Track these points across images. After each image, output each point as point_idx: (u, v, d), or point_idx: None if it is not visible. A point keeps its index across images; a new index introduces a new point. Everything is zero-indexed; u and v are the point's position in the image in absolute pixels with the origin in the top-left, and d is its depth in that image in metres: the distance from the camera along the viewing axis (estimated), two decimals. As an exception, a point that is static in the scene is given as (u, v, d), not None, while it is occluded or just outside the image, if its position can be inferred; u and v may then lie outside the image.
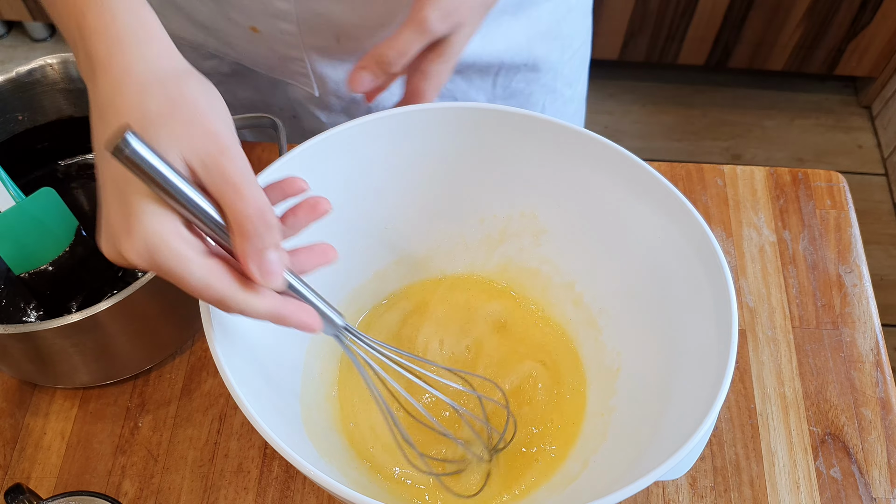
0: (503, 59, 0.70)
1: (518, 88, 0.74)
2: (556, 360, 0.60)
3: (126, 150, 0.34)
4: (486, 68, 0.71)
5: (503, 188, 0.59)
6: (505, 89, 0.74)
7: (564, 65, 0.76)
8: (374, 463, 0.55)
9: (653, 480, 0.41)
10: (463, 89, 0.72)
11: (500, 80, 0.73)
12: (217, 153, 0.38)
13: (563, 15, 0.72)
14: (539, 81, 0.75)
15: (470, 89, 0.72)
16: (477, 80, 0.72)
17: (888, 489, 0.57)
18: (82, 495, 0.49)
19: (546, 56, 0.73)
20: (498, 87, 0.73)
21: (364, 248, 0.59)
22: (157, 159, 0.35)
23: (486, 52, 0.69)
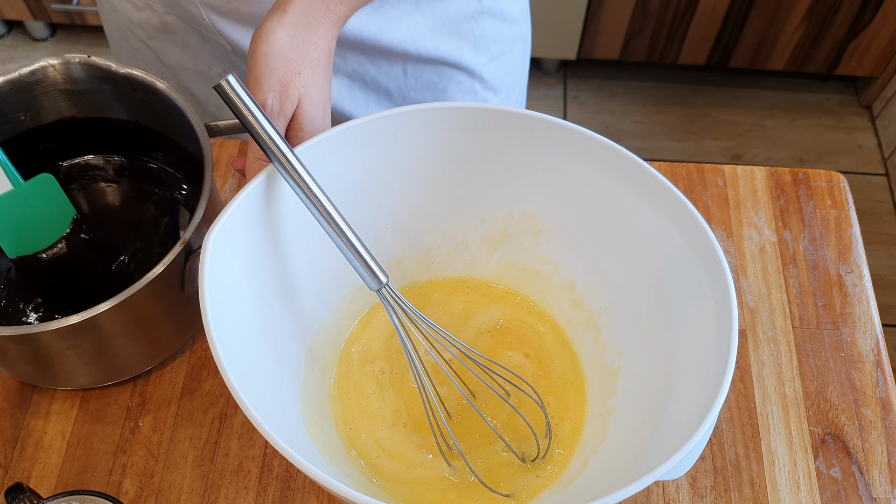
0: (406, 48, 0.70)
1: (431, 81, 0.74)
2: (555, 360, 0.60)
3: (225, 87, 0.46)
4: (388, 53, 0.70)
5: (503, 188, 0.59)
6: (417, 80, 0.73)
7: (483, 68, 0.75)
8: (374, 462, 0.55)
9: (653, 480, 0.41)
10: (372, 74, 0.72)
11: (409, 69, 0.72)
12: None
13: (471, 15, 0.71)
14: (453, 78, 0.74)
15: (379, 75, 0.72)
16: (385, 65, 0.71)
17: (888, 489, 0.57)
18: (83, 494, 0.49)
19: (457, 54, 0.72)
20: (409, 76, 0.73)
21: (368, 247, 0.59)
22: (246, 96, 0.47)
23: (385, 36, 0.69)
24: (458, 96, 0.76)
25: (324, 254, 0.53)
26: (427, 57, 0.71)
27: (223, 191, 0.70)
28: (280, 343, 0.54)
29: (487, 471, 0.55)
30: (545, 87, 1.87)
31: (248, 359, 0.48)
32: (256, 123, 0.47)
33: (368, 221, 0.58)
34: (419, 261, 0.63)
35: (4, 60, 1.86)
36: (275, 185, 0.51)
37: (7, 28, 1.91)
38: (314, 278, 0.57)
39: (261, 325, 0.52)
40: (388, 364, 0.60)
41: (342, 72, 0.71)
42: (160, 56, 0.76)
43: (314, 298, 0.58)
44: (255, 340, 0.51)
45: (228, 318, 0.47)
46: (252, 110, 0.46)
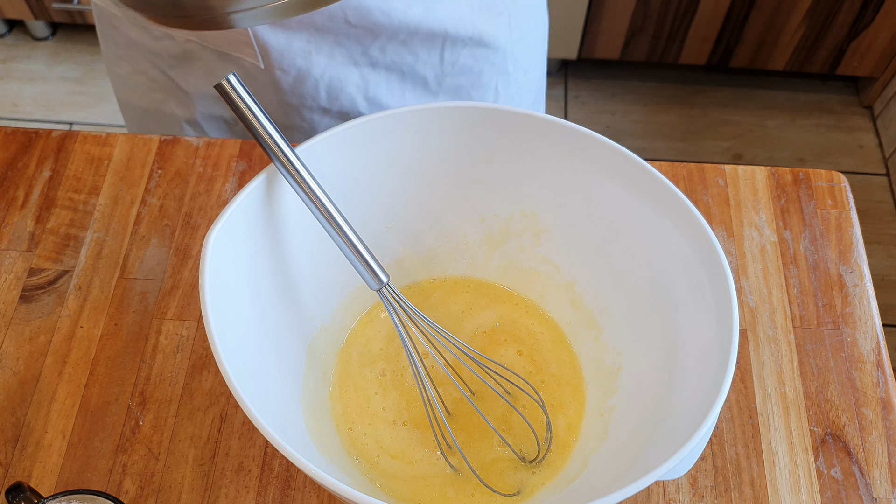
0: (447, 29, 0.70)
1: (466, 65, 0.74)
2: (549, 359, 0.60)
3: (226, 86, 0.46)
4: (430, 37, 0.70)
5: (504, 188, 0.59)
6: (453, 65, 0.73)
7: (514, 45, 0.76)
8: (374, 462, 0.55)
9: (653, 480, 0.41)
10: (409, 63, 0.72)
11: (446, 54, 0.72)
12: None
13: None
14: (488, 60, 0.74)
15: (416, 63, 0.72)
16: (423, 53, 0.71)
17: (889, 489, 0.57)
18: (83, 493, 0.49)
19: (492, 32, 0.73)
20: (445, 62, 0.73)
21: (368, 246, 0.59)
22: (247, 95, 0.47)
23: (428, 18, 0.68)
24: (493, 77, 0.76)
25: (324, 253, 0.53)
26: (465, 37, 0.71)
27: (223, 191, 0.70)
28: (281, 342, 0.54)
29: (487, 470, 0.55)
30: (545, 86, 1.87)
31: (249, 358, 0.48)
32: (257, 123, 0.47)
33: (369, 221, 0.58)
34: (419, 260, 0.63)
35: (5, 60, 1.86)
36: (275, 185, 0.51)
37: (8, 27, 1.91)
38: (315, 278, 0.57)
39: (261, 324, 0.52)
40: (389, 364, 0.60)
41: (381, 64, 0.71)
42: (181, 84, 0.76)
43: (315, 298, 0.58)
44: (256, 340, 0.51)
45: (229, 317, 0.47)
46: (253, 109, 0.46)
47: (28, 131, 0.73)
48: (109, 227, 0.68)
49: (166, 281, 0.65)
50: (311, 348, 0.58)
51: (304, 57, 0.69)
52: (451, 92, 0.75)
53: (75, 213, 0.68)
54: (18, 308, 0.63)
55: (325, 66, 0.70)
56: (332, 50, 0.69)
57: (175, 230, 0.68)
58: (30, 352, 0.61)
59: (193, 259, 0.66)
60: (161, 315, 0.63)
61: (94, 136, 0.73)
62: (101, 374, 0.61)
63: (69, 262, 0.66)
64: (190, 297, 0.64)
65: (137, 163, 0.71)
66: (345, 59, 0.70)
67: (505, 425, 0.57)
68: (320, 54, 0.69)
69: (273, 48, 0.69)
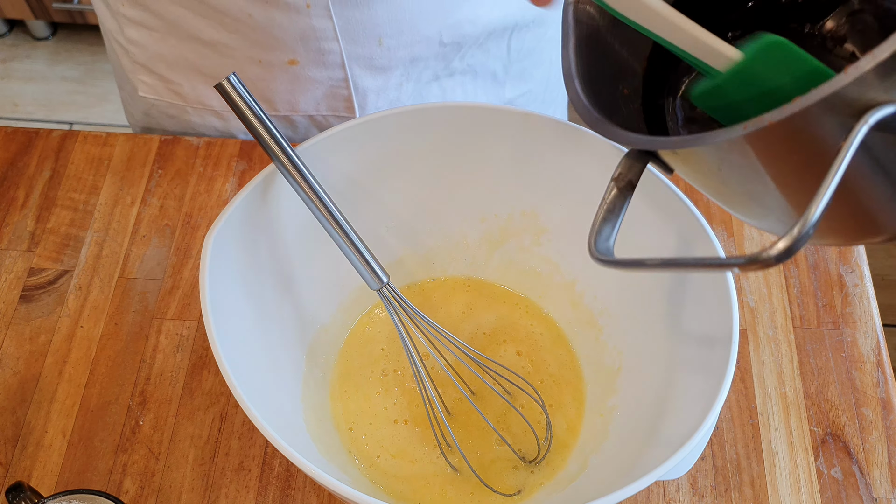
0: (517, 20, 0.71)
1: (529, 48, 0.74)
2: (548, 359, 0.60)
3: (227, 86, 0.46)
4: (501, 32, 0.71)
5: (504, 188, 0.59)
6: (518, 51, 0.74)
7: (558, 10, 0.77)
8: (375, 461, 0.55)
9: (653, 480, 0.41)
10: (481, 60, 0.72)
11: (513, 42, 0.73)
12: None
13: None
14: (545, 36, 0.75)
15: (487, 59, 0.73)
16: (493, 47, 0.72)
17: (889, 489, 0.57)
18: (83, 493, 0.49)
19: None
20: (512, 51, 0.73)
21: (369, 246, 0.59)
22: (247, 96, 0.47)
23: (501, 16, 0.69)
24: (547, 51, 0.77)
25: (324, 253, 0.53)
26: (529, 21, 0.72)
27: (223, 191, 0.70)
28: (281, 342, 0.54)
29: (487, 469, 0.55)
30: (546, 86, 1.87)
31: (249, 358, 0.48)
32: (258, 122, 0.47)
33: (369, 221, 0.58)
34: (420, 260, 0.63)
35: (5, 59, 1.86)
36: (275, 185, 0.51)
37: (8, 27, 1.91)
38: (315, 278, 0.57)
39: (262, 324, 0.52)
40: (389, 364, 0.60)
41: (458, 71, 0.72)
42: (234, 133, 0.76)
43: (315, 298, 0.58)
44: (256, 339, 0.51)
45: (229, 317, 0.47)
46: (254, 109, 0.47)
47: (28, 131, 0.73)
48: (110, 226, 0.68)
49: (166, 281, 0.65)
50: (311, 348, 0.58)
51: (396, 89, 0.70)
52: (516, 78, 0.76)
53: (75, 213, 0.68)
54: (19, 308, 0.63)
55: (413, 90, 0.71)
56: (421, 74, 0.70)
57: (175, 230, 0.68)
58: (30, 351, 0.61)
59: (193, 259, 0.66)
60: (161, 315, 0.63)
61: (94, 136, 0.73)
62: (101, 373, 0.61)
63: (69, 261, 0.66)
64: (190, 297, 0.64)
65: (138, 163, 0.71)
66: (429, 78, 0.71)
67: (505, 425, 0.57)
68: (409, 81, 0.70)
69: (371, 91, 0.69)
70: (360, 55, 0.66)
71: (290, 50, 0.64)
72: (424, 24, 0.65)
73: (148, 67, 0.70)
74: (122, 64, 0.73)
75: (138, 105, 0.76)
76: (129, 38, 0.69)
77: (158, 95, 0.72)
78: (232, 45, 0.65)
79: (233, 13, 0.62)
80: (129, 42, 0.69)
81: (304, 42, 0.64)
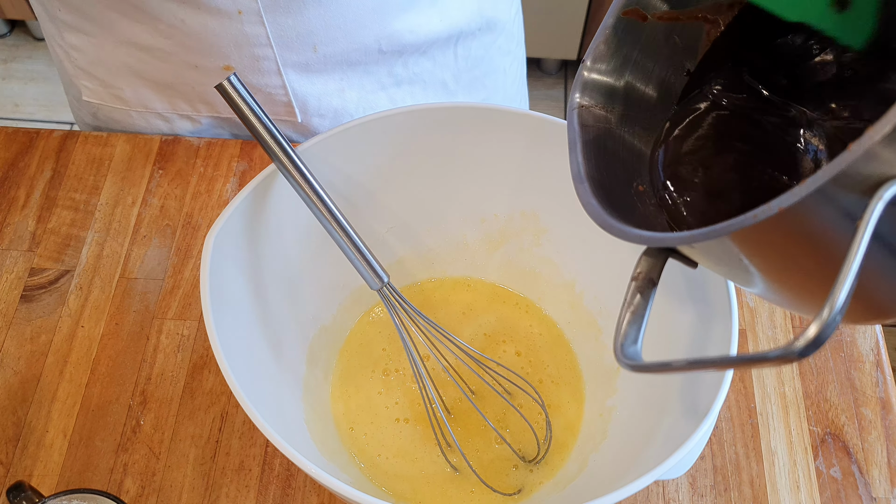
0: (461, 28, 0.71)
1: (478, 56, 0.75)
2: (547, 359, 0.60)
3: (227, 86, 0.46)
4: (445, 41, 0.71)
5: (504, 188, 0.59)
6: (466, 60, 0.74)
7: (512, 22, 0.77)
8: (375, 461, 0.55)
9: (653, 479, 0.41)
10: (429, 69, 0.72)
11: (459, 50, 0.73)
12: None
13: None
14: (494, 44, 0.75)
15: (435, 68, 0.73)
16: (439, 56, 0.72)
17: (888, 489, 0.57)
18: (84, 493, 0.49)
19: (495, 15, 0.74)
20: (459, 59, 0.73)
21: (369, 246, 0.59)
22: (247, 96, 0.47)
23: (445, 27, 0.70)
24: (501, 61, 0.77)
25: (325, 253, 0.53)
26: (475, 29, 0.72)
27: (224, 191, 0.70)
28: (281, 342, 0.54)
29: (487, 469, 0.55)
30: (545, 87, 1.87)
31: (250, 357, 0.48)
32: (258, 123, 0.47)
33: (369, 221, 0.58)
34: (420, 260, 0.63)
35: (6, 60, 1.86)
36: (276, 185, 0.51)
37: (9, 27, 1.91)
38: (315, 278, 0.57)
39: (262, 324, 0.52)
40: (389, 363, 0.60)
41: (404, 80, 0.72)
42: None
43: (315, 298, 0.58)
44: (257, 339, 0.51)
45: (230, 316, 0.47)
46: (255, 109, 0.47)
47: (29, 131, 0.73)
48: (110, 226, 0.68)
49: (167, 281, 0.65)
50: (311, 348, 0.58)
51: (339, 95, 0.70)
52: (468, 86, 0.76)
53: (76, 213, 0.68)
54: (20, 308, 0.64)
55: (358, 98, 0.71)
56: (362, 80, 0.70)
57: (176, 230, 0.68)
58: (31, 351, 0.62)
59: (194, 259, 0.66)
60: (162, 315, 0.63)
61: (95, 136, 0.73)
62: (101, 373, 0.61)
63: (70, 261, 0.66)
64: (191, 297, 0.64)
65: (138, 163, 0.71)
66: (374, 86, 0.70)
67: (505, 424, 0.57)
68: (352, 89, 0.70)
69: (310, 97, 0.69)
70: (296, 62, 0.66)
71: (224, 56, 0.64)
72: (360, 32, 0.65)
73: (89, 72, 0.70)
74: (65, 67, 0.73)
75: (84, 108, 0.76)
76: (69, 43, 0.69)
77: (101, 100, 0.72)
78: (168, 49, 0.65)
79: (166, 18, 0.62)
80: (70, 47, 0.69)
81: (238, 48, 0.64)
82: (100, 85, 0.71)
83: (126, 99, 0.71)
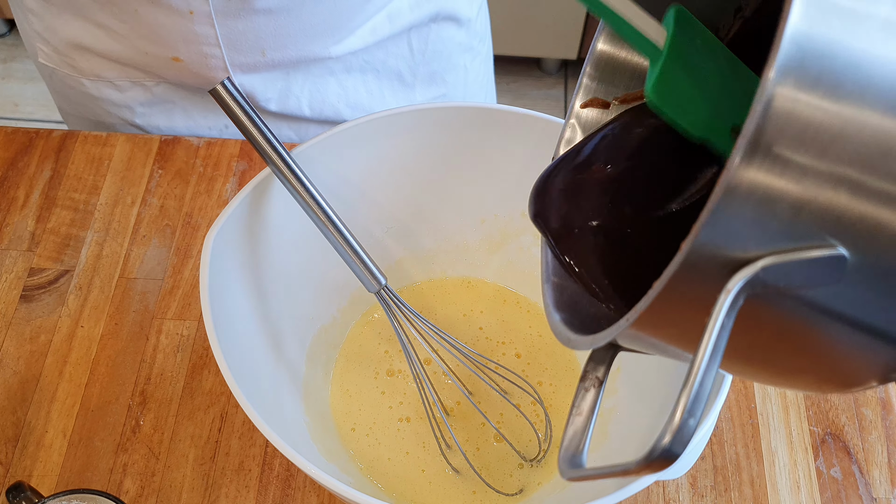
0: (411, 22, 0.71)
1: (436, 50, 0.74)
2: (547, 361, 0.60)
3: (221, 91, 0.46)
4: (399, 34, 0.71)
5: (504, 188, 0.59)
6: (423, 54, 0.74)
7: (475, 20, 0.77)
8: (374, 461, 0.55)
9: (653, 480, 0.41)
10: (381, 58, 0.72)
11: (413, 42, 0.72)
12: None
13: None
14: (453, 39, 0.75)
15: (388, 58, 0.73)
16: (392, 47, 0.72)
17: (888, 489, 0.57)
18: (84, 493, 0.49)
19: (455, 10, 0.73)
20: (415, 52, 0.73)
21: (367, 248, 0.59)
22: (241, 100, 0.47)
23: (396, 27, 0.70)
24: (461, 57, 0.77)
25: (325, 253, 0.53)
26: (430, 19, 0.72)
27: (223, 191, 0.70)
28: (281, 343, 0.54)
29: (487, 469, 0.55)
30: (545, 87, 1.87)
31: (249, 358, 0.48)
32: (253, 127, 0.47)
33: (367, 223, 0.58)
34: (419, 262, 0.63)
35: (6, 59, 1.86)
36: (276, 185, 0.51)
37: (8, 27, 1.91)
38: (314, 279, 0.57)
39: (261, 324, 0.52)
40: (389, 364, 0.60)
41: (355, 67, 0.72)
42: (146, 128, 0.76)
43: (314, 299, 0.58)
44: (256, 340, 0.51)
45: (229, 317, 0.47)
46: (249, 113, 0.47)
47: (29, 131, 0.73)
48: (110, 226, 0.68)
49: (167, 281, 0.65)
50: (311, 348, 0.58)
51: (284, 78, 0.70)
52: (426, 80, 0.76)
53: (76, 213, 0.68)
54: (19, 308, 0.64)
55: (303, 80, 0.71)
56: (310, 67, 0.70)
57: (175, 230, 0.68)
58: (30, 351, 0.62)
59: (194, 259, 0.66)
60: (161, 315, 0.63)
61: (94, 136, 0.73)
62: (101, 373, 0.61)
63: (70, 261, 0.66)
64: (190, 297, 0.64)
65: (138, 163, 0.71)
66: (321, 70, 0.70)
67: (505, 424, 0.57)
68: (297, 71, 0.70)
69: (258, 92, 0.70)
70: (243, 62, 0.67)
71: (173, 48, 0.65)
72: (309, 41, 0.66)
73: (44, 38, 0.71)
74: (24, 28, 0.74)
75: (43, 70, 0.76)
76: (27, 6, 0.69)
77: (56, 65, 0.73)
78: (121, 32, 0.66)
79: (120, 4, 0.63)
80: (28, 10, 0.70)
81: (187, 44, 0.64)
82: (54, 51, 0.71)
83: (79, 68, 0.72)
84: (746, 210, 0.22)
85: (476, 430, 0.57)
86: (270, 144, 0.47)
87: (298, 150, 0.50)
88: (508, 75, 1.84)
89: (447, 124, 0.55)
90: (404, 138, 0.55)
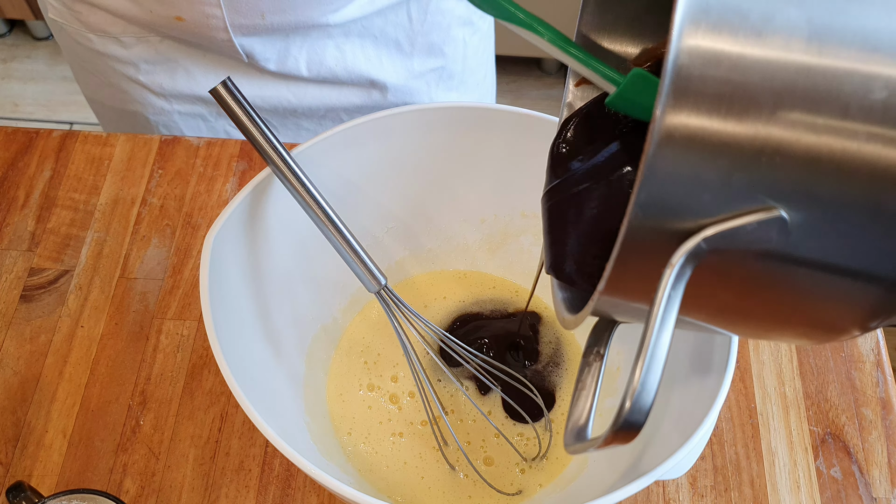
0: None
1: (435, 21, 0.75)
2: (555, 360, 0.60)
3: (221, 91, 0.46)
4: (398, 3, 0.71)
5: (504, 188, 0.59)
6: (422, 24, 0.74)
7: None
8: (374, 461, 0.55)
9: (653, 480, 0.41)
10: (379, 25, 0.73)
11: (413, 11, 0.73)
12: None
13: None
14: (454, 12, 0.75)
15: (386, 25, 0.73)
16: (391, 15, 0.72)
17: (888, 489, 0.57)
18: (84, 493, 0.49)
19: None
20: (414, 21, 0.74)
21: (367, 248, 0.59)
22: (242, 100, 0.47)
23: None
24: (460, 30, 0.77)
25: (324, 254, 0.53)
26: None
27: (223, 191, 0.70)
28: (281, 342, 0.54)
29: (487, 468, 0.55)
30: (545, 87, 1.87)
31: (249, 358, 0.48)
32: (253, 126, 0.47)
33: (368, 223, 0.58)
34: (419, 262, 0.63)
35: (6, 59, 1.86)
36: (276, 185, 0.51)
37: (8, 27, 1.91)
38: (314, 278, 0.57)
39: (261, 324, 0.52)
40: (389, 363, 0.60)
41: (353, 32, 0.72)
42: (155, 88, 0.76)
43: (314, 298, 0.58)
44: (256, 340, 0.51)
45: (229, 317, 0.47)
46: (250, 113, 0.47)
47: (29, 131, 0.73)
48: (110, 226, 0.68)
49: (167, 281, 0.65)
50: (311, 348, 0.58)
51: (283, 40, 0.70)
52: (424, 50, 0.76)
53: (76, 213, 0.68)
54: (19, 308, 0.64)
55: (301, 42, 0.71)
56: (309, 31, 0.70)
57: (175, 230, 0.68)
58: (30, 351, 0.62)
59: (194, 259, 0.66)
60: (161, 315, 0.63)
61: (94, 136, 0.73)
62: (101, 373, 0.61)
63: (70, 261, 0.66)
64: (190, 297, 0.64)
65: (138, 163, 0.71)
66: (319, 34, 0.71)
67: (505, 424, 0.57)
68: (296, 35, 0.70)
69: (258, 52, 0.70)
70: (243, 24, 0.68)
71: (176, 8, 0.66)
72: (308, 7, 0.67)
73: None
74: None
75: (53, 26, 0.77)
76: None
77: (64, 20, 0.73)
78: None
79: None
80: None
81: (190, 4, 0.66)
82: (62, 5, 0.72)
83: (88, 23, 0.72)
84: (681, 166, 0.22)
85: (476, 430, 0.57)
86: (271, 144, 0.47)
87: (298, 150, 0.50)
88: (508, 75, 1.84)
89: (447, 124, 0.55)
90: (404, 138, 0.55)
